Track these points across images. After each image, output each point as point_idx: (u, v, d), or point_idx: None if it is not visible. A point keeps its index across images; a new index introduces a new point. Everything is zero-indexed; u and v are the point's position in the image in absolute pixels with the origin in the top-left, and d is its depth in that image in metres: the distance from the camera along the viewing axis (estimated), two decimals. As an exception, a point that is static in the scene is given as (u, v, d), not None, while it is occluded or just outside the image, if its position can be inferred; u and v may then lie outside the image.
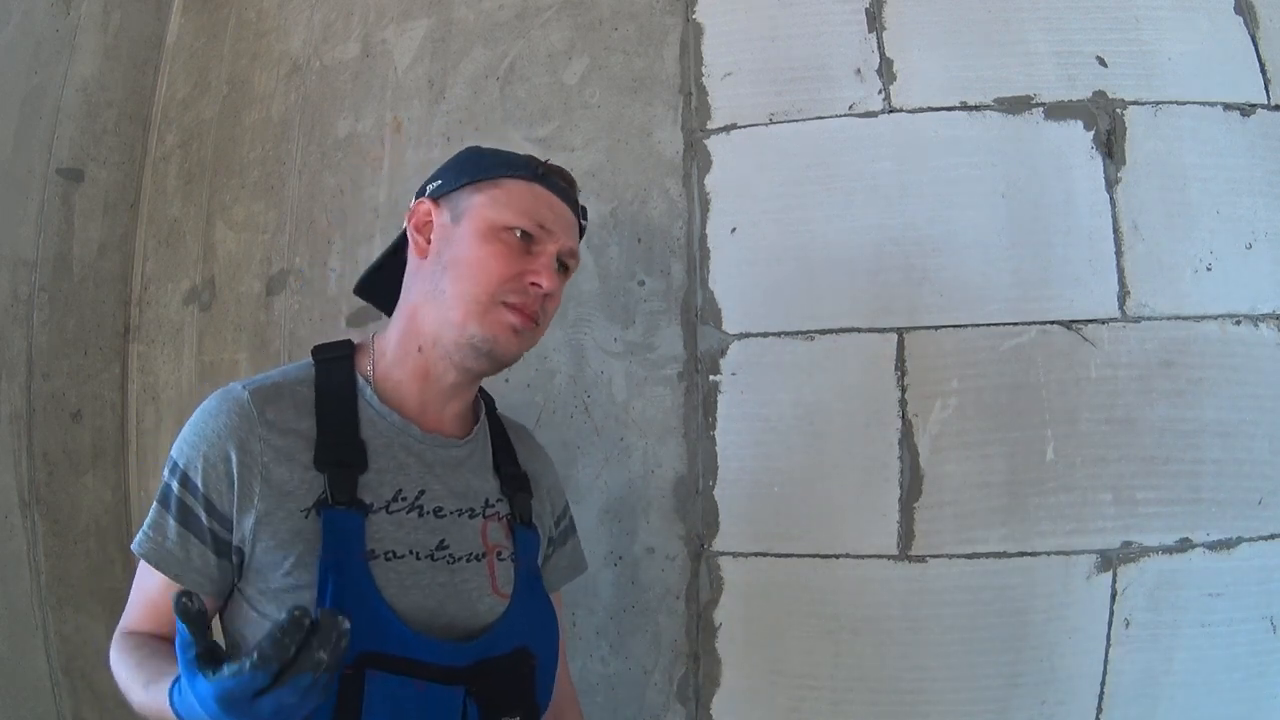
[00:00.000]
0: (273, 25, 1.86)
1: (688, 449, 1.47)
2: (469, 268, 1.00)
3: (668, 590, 1.45)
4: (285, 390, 1.00)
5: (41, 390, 1.68)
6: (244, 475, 0.93)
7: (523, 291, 1.01)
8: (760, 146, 1.49)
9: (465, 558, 1.00)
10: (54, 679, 1.62)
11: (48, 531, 1.65)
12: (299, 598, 0.90)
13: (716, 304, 1.47)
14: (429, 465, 1.02)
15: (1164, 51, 1.39)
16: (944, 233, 1.40)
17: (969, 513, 1.35)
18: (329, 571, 0.90)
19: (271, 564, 0.92)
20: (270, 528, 0.93)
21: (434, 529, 0.99)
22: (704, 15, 1.55)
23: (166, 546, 0.94)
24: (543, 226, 1.03)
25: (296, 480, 0.95)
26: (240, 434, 0.95)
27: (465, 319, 0.99)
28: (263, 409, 0.97)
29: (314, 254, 1.71)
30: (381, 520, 0.96)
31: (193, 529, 0.94)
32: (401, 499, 0.99)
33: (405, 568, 0.95)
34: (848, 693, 1.36)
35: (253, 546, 0.93)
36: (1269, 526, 1.29)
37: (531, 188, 1.05)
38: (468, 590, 0.99)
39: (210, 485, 0.93)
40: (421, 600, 0.95)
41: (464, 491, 1.04)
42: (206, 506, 0.93)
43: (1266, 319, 1.33)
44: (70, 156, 1.75)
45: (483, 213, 1.03)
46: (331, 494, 0.94)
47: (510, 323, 1.00)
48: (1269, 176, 1.35)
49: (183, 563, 0.94)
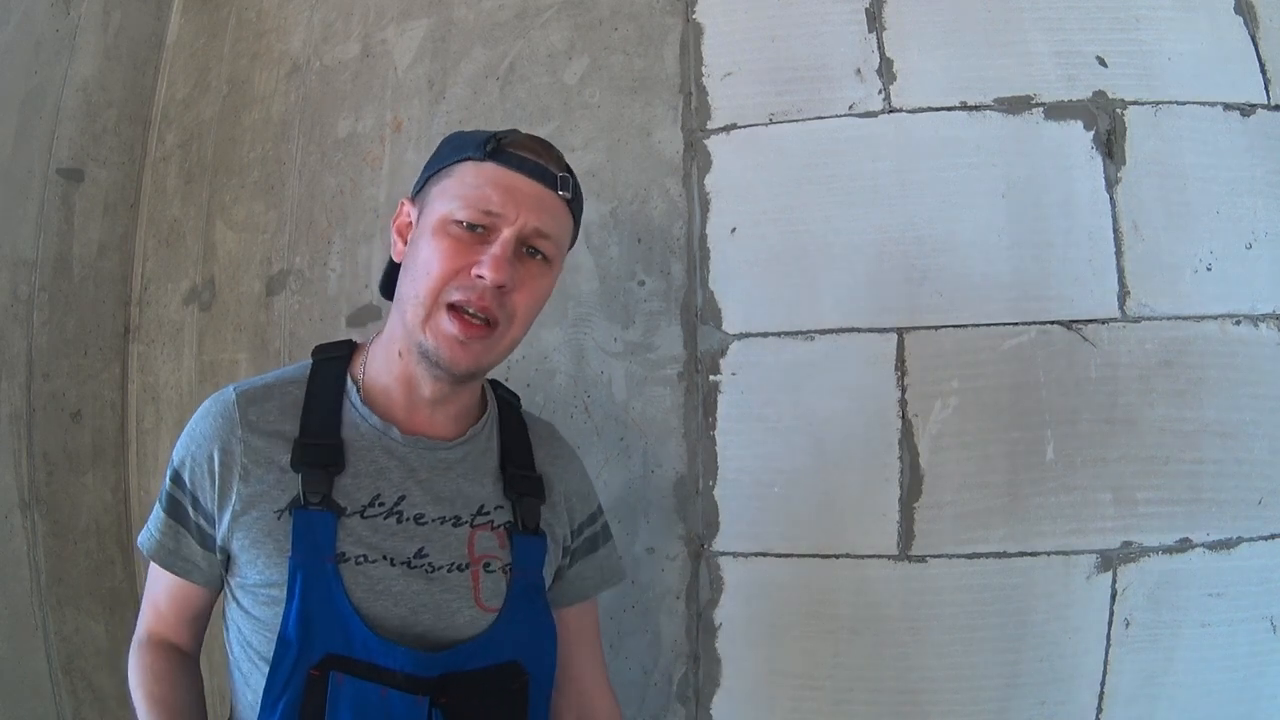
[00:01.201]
0: (273, 25, 1.86)
1: (688, 449, 1.47)
2: (419, 266, 0.95)
3: (668, 590, 1.45)
4: (275, 391, 1.01)
5: (41, 390, 1.68)
6: (224, 475, 0.96)
7: (469, 287, 0.93)
8: (760, 146, 1.49)
9: (447, 567, 0.98)
10: (54, 679, 1.62)
11: (48, 531, 1.65)
12: (271, 595, 0.93)
13: (716, 304, 1.47)
14: (412, 470, 1.00)
15: (1164, 51, 1.39)
16: (944, 233, 1.40)
17: (969, 513, 1.35)
18: (297, 571, 0.91)
19: (247, 561, 0.95)
20: (244, 526, 0.95)
21: (413, 536, 0.97)
22: (704, 15, 1.55)
23: (163, 542, 1.00)
24: (489, 212, 0.94)
25: (272, 480, 0.96)
26: (222, 435, 0.98)
27: (414, 323, 0.96)
28: (245, 410, 0.99)
29: (314, 254, 1.71)
30: (355, 524, 0.95)
31: (184, 524, 0.99)
32: (379, 504, 0.97)
33: (377, 572, 0.94)
34: (848, 693, 1.36)
35: (230, 543, 0.96)
36: (1269, 526, 1.29)
37: (480, 169, 0.96)
38: (445, 601, 0.97)
39: (195, 483, 0.98)
40: (391, 607, 0.94)
41: (451, 498, 1.01)
42: (193, 503, 0.98)
43: (1266, 319, 1.33)
44: (70, 156, 1.75)
45: (434, 207, 0.97)
46: (304, 495, 0.94)
47: (450, 334, 0.94)
48: (1269, 176, 1.35)
49: (173, 554, 1.00)
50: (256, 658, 0.95)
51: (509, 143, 0.98)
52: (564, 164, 1.02)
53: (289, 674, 0.89)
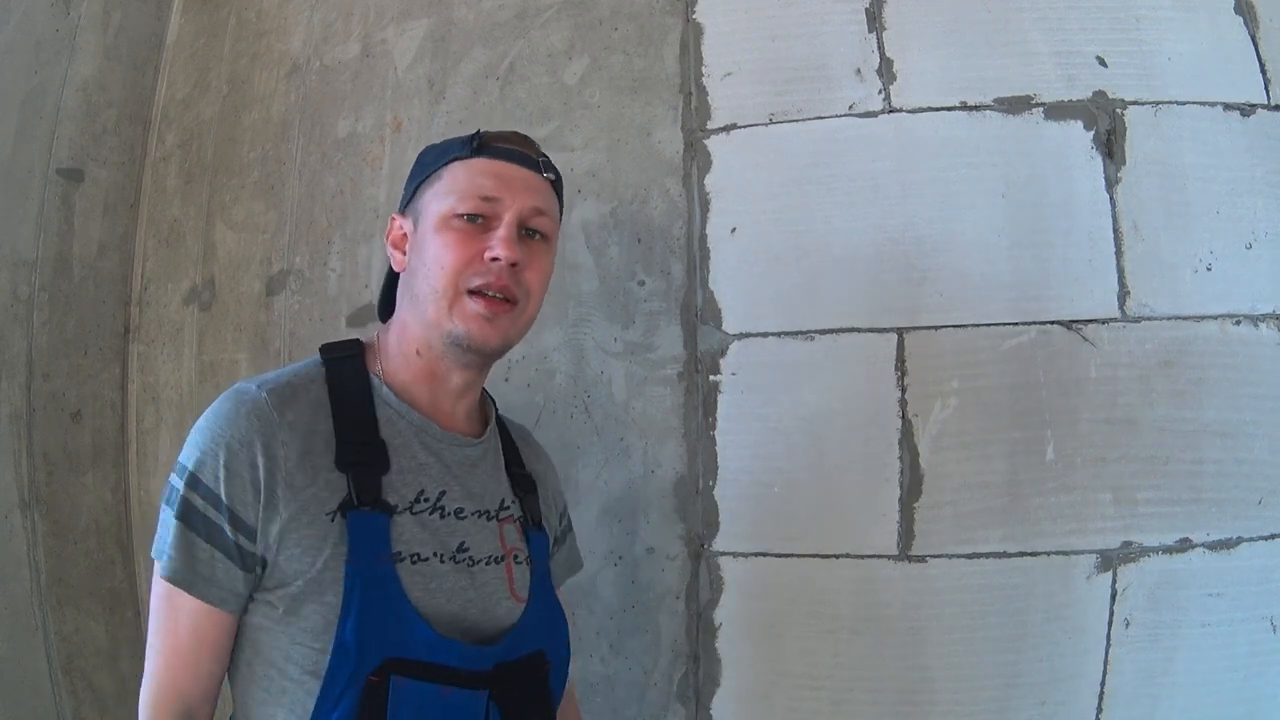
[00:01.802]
0: (273, 25, 1.86)
1: (688, 449, 1.47)
2: (429, 264, 0.98)
3: (668, 590, 1.45)
4: (300, 389, 0.97)
5: (41, 390, 1.68)
6: (270, 483, 0.89)
7: (484, 271, 0.97)
8: (760, 146, 1.49)
9: (485, 560, 0.99)
10: (54, 679, 1.62)
11: (48, 531, 1.65)
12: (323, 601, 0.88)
13: (716, 304, 1.47)
14: (448, 465, 1.01)
15: (1164, 51, 1.39)
16: (944, 233, 1.40)
17: (969, 513, 1.35)
18: (356, 575, 0.88)
19: (296, 570, 0.89)
20: (296, 533, 0.89)
21: (454, 531, 0.98)
22: (704, 15, 1.55)
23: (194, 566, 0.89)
24: (486, 199, 0.99)
25: (320, 483, 0.92)
26: (264, 438, 0.90)
27: (439, 316, 0.98)
28: (282, 410, 0.93)
29: (314, 254, 1.71)
30: (406, 521, 0.94)
31: (219, 544, 0.89)
32: (424, 500, 0.97)
33: (430, 570, 0.94)
34: (848, 693, 1.36)
35: (277, 554, 0.89)
36: (1269, 526, 1.29)
37: (469, 165, 1.01)
38: (487, 593, 0.98)
39: (235, 497, 0.89)
40: (445, 604, 0.93)
41: (480, 493, 1.03)
42: (231, 520, 0.89)
43: (1266, 319, 1.33)
44: (70, 156, 1.75)
45: (431, 209, 1.01)
46: (356, 495, 0.92)
47: (477, 313, 0.97)
48: (1269, 176, 1.35)
49: (209, 580, 0.89)
50: (299, 672, 0.89)
51: (490, 138, 1.04)
52: (541, 151, 1.08)
53: (346, 682, 0.85)
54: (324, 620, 0.88)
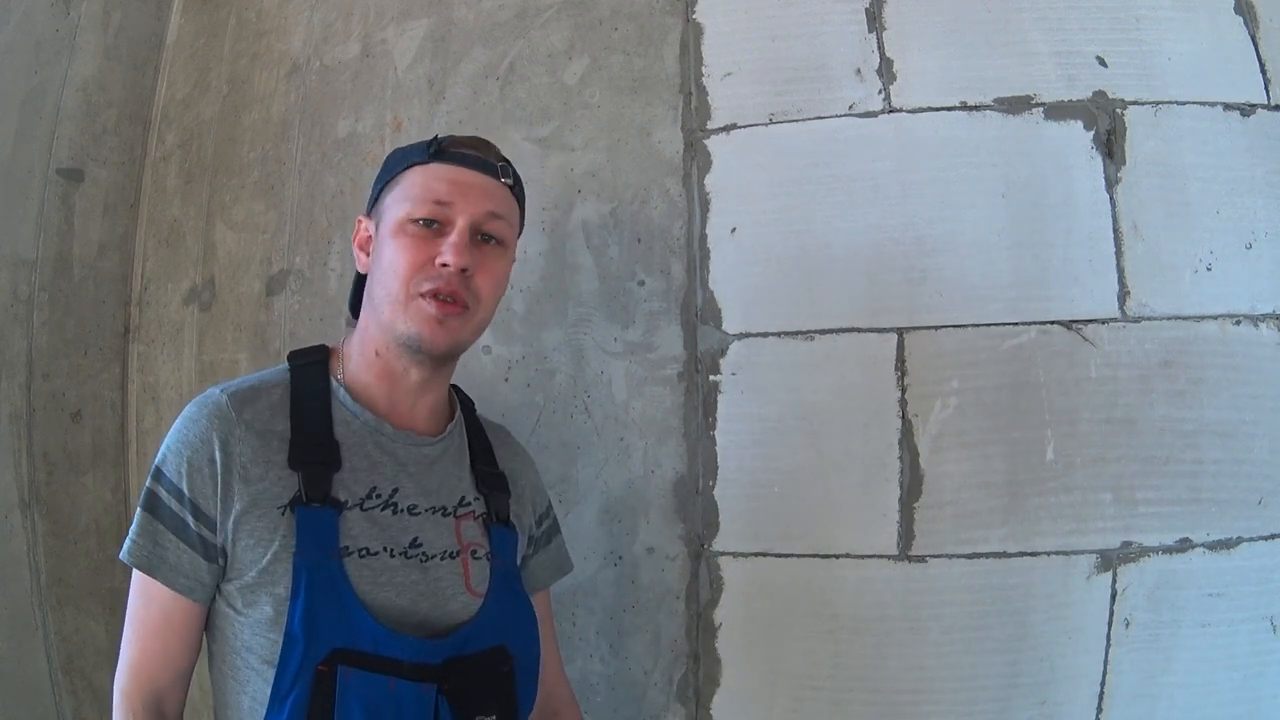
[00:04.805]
0: (273, 25, 1.86)
1: (688, 449, 1.47)
2: (385, 268, 1.03)
3: (668, 590, 1.45)
4: (262, 392, 1.03)
5: (41, 390, 1.68)
6: (225, 476, 0.96)
7: (435, 276, 1.00)
8: (760, 146, 1.49)
9: (439, 555, 1.02)
10: (54, 679, 1.62)
11: (48, 531, 1.65)
12: (274, 594, 0.93)
13: (716, 304, 1.47)
14: (402, 464, 1.04)
15: (1164, 51, 1.39)
16: (944, 233, 1.40)
17: (969, 513, 1.35)
18: (303, 567, 0.92)
19: (249, 561, 0.94)
20: (249, 524, 0.95)
21: (407, 526, 1.01)
22: (704, 15, 1.55)
23: (158, 553, 0.96)
24: (440, 203, 1.02)
25: (272, 478, 0.97)
26: (221, 435, 0.97)
27: (392, 317, 1.01)
28: (240, 410, 0.99)
29: (314, 254, 1.71)
30: (355, 517, 0.98)
31: (182, 536, 0.96)
32: (376, 496, 1.00)
33: (379, 564, 0.97)
34: (848, 693, 1.36)
35: (233, 545, 0.95)
36: (1269, 526, 1.29)
37: (426, 170, 1.04)
38: (440, 588, 1.00)
39: (196, 490, 0.96)
40: (394, 597, 0.96)
41: (436, 489, 1.06)
42: (194, 512, 0.95)
43: (1266, 319, 1.33)
44: (70, 156, 1.75)
45: (389, 213, 1.05)
46: (305, 491, 0.96)
47: (429, 315, 1.00)
48: (1269, 176, 1.35)
49: (174, 568, 0.96)
50: (256, 661, 0.94)
51: (449, 143, 1.07)
52: (501, 156, 1.10)
53: (296, 671, 0.90)
54: (275, 611, 0.92)
